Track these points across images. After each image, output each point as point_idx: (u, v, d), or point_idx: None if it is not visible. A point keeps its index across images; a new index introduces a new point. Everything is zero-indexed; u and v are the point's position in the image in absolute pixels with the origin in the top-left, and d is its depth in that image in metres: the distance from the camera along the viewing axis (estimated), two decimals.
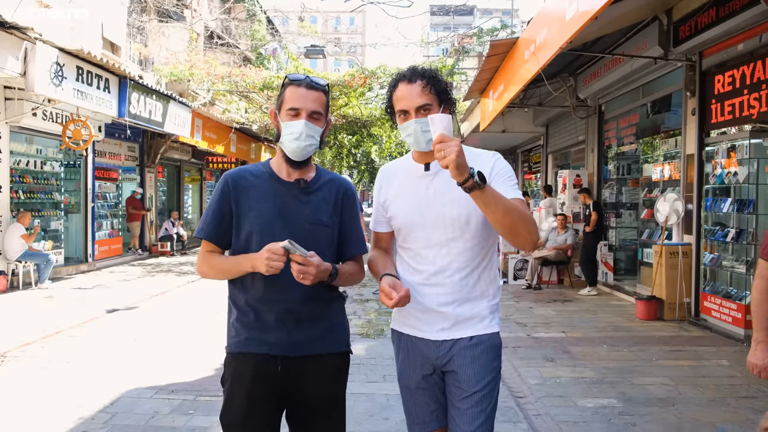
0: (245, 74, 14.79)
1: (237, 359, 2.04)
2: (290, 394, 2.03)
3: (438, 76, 2.03)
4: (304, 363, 2.01)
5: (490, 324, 2.08)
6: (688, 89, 7.47)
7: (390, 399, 4.48)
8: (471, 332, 2.05)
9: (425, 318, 2.08)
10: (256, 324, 2.02)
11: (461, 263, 2.03)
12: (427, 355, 2.09)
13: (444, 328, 2.05)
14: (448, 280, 2.04)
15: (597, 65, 9.68)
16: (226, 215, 2.05)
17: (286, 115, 2.01)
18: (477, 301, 2.07)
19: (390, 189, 2.16)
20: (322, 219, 2.06)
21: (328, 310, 2.09)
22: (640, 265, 9.41)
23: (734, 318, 6.52)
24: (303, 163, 2.07)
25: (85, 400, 4.43)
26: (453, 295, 2.04)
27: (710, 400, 4.51)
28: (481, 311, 2.07)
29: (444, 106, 2.03)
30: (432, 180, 2.05)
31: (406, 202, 2.09)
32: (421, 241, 2.06)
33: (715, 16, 6.54)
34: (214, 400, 4.44)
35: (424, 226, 2.04)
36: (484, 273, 2.08)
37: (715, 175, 7.18)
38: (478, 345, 2.04)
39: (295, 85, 2.02)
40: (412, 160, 2.15)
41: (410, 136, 2.02)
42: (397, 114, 2.05)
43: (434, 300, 2.05)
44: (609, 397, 4.54)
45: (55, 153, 11.65)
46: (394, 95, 2.06)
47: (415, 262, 2.10)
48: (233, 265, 2.01)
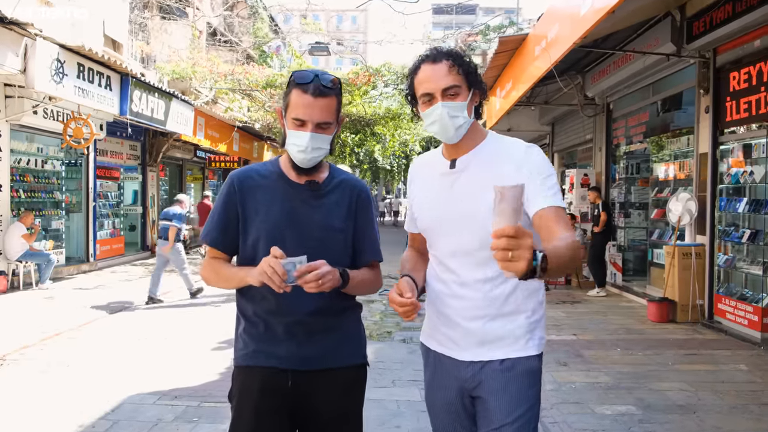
0: (248, 72, 14.64)
1: (245, 373, 1.90)
2: (301, 409, 1.88)
3: (465, 56, 1.78)
4: (316, 377, 1.87)
5: (527, 345, 1.79)
6: (702, 87, 7.31)
7: (401, 405, 4.34)
8: (502, 354, 1.77)
9: (452, 334, 1.84)
10: (265, 336, 1.87)
11: (491, 273, 1.75)
12: (455, 377, 1.84)
13: (471, 347, 1.81)
14: (475, 292, 1.78)
15: (606, 63, 9.53)
16: (232, 219, 1.90)
17: (291, 123, 1.81)
18: (511, 317, 1.78)
19: (416, 186, 1.96)
20: (334, 224, 1.90)
21: (341, 321, 1.93)
22: (650, 266, 9.26)
23: (750, 321, 6.37)
24: (313, 167, 1.91)
25: (86, 406, 4.29)
26: (481, 310, 1.77)
27: (731, 406, 4.37)
28: (515, 329, 1.78)
29: (474, 90, 1.77)
30: (457, 179, 1.80)
31: (428, 203, 1.88)
32: (445, 248, 1.83)
33: (731, 11, 6.38)
34: (219, 406, 4.30)
35: (447, 231, 1.81)
36: (521, 285, 1.78)
37: (730, 174, 7.04)
38: (511, 369, 1.76)
39: (301, 90, 1.78)
40: (441, 154, 1.89)
41: (435, 123, 1.75)
42: (420, 100, 1.78)
43: (460, 314, 1.80)
44: (627, 404, 4.39)
45: (56, 151, 11.51)
46: (416, 79, 1.78)
47: (440, 270, 1.87)
48: (233, 276, 1.87)
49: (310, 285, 1.66)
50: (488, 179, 1.67)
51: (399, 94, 15.68)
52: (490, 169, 1.75)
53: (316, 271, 1.66)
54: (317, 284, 1.67)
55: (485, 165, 1.77)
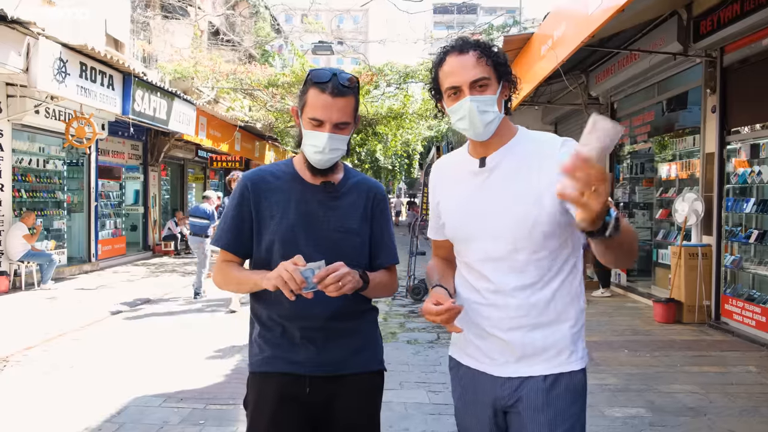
0: (250, 71, 14.58)
1: (260, 379, 1.84)
2: (320, 417, 1.83)
3: (494, 46, 1.64)
4: (334, 383, 1.82)
5: (570, 358, 1.64)
6: (708, 86, 7.26)
7: (408, 408, 4.29)
8: (544, 369, 1.63)
9: (486, 347, 1.69)
10: (281, 341, 1.82)
11: (529, 278, 1.62)
12: (490, 394, 1.69)
13: (509, 362, 1.66)
14: (512, 299, 1.62)
15: (610, 62, 9.48)
16: (246, 222, 1.84)
17: (308, 123, 1.75)
18: (552, 326, 1.63)
19: (442, 189, 1.81)
20: (351, 226, 1.85)
21: (359, 325, 1.88)
22: (655, 267, 9.22)
23: (758, 322, 6.32)
24: (329, 167, 1.85)
25: (91, 408, 4.25)
26: (519, 319, 1.63)
27: (742, 409, 4.32)
28: (558, 341, 1.63)
29: (504, 83, 1.63)
30: (487, 178, 1.66)
31: (457, 206, 1.73)
32: (478, 253, 1.68)
33: (738, 10, 6.33)
34: (225, 408, 4.26)
35: (479, 236, 1.67)
36: (562, 289, 1.63)
37: (737, 174, 6.99)
38: (554, 386, 1.62)
39: (319, 89, 1.72)
40: (467, 153, 1.75)
41: (463, 119, 1.61)
42: (446, 94, 1.64)
43: (495, 324, 1.65)
44: (637, 406, 4.35)
45: (58, 151, 11.48)
46: (441, 71, 1.64)
47: (472, 278, 1.71)
48: (246, 279, 1.81)
49: (330, 288, 1.61)
50: (522, 177, 1.60)
51: (401, 93, 15.63)
52: (524, 166, 1.62)
53: (336, 272, 1.61)
54: (337, 287, 1.61)
55: (519, 162, 1.63)
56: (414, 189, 33.93)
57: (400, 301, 8.87)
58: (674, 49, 7.46)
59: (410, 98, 16.12)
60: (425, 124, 18.93)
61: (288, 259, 1.66)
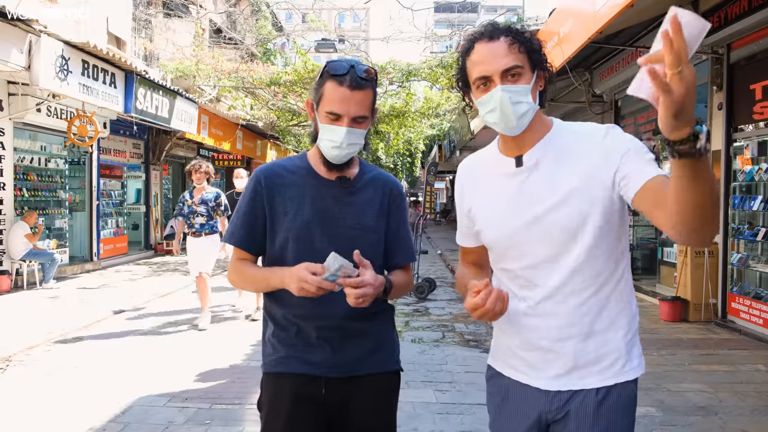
0: (252, 70, 14.54)
1: (275, 380, 1.78)
2: (335, 418, 1.78)
3: (527, 33, 1.50)
4: (351, 384, 1.77)
5: (624, 368, 1.53)
6: (715, 83, 7.21)
7: (417, 408, 4.25)
8: (598, 381, 1.52)
9: (532, 359, 1.58)
10: (296, 340, 1.77)
11: (579, 284, 1.50)
12: (535, 407, 1.59)
13: (559, 375, 1.54)
14: (562, 307, 1.51)
15: (615, 59, 9.42)
16: (259, 218, 1.79)
17: (325, 117, 1.69)
18: (605, 334, 1.52)
19: (474, 193, 1.67)
20: (367, 223, 1.79)
21: (376, 325, 1.84)
22: (660, 265, 9.16)
23: (765, 320, 6.28)
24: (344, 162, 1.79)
25: (95, 408, 4.21)
26: (569, 329, 1.51)
27: (753, 408, 4.27)
28: (611, 350, 1.52)
29: (538, 72, 1.50)
30: (527, 178, 1.53)
31: (495, 212, 1.58)
32: (521, 260, 1.56)
33: (746, 6, 6.28)
34: (230, 408, 4.21)
35: (524, 241, 1.54)
36: (614, 294, 1.53)
37: (744, 171, 6.94)
38: (607, 398, 1.51)
39: (336, 82, 1.65)
40: (498, 151, 1.61)
41: (494, 111, 1.47)
42: (474, 84, 1.51)
43: (544, 335, 1.54)
44: (646, 405, 4.30)
45: (60, 150, 11.44)
46: (469, 60, 1.51)
47: (516, 286, 1.59)
48: (263, 278, 1.75)
49: (350, 300, 1.59)
50: (566, 173, 1.48)
51: (403, 91, 15.58)
52: (566, 160, 1.50)
53: (362, 290, 1.59)
54: (357, 303, 1.59)
55: (559, 157, 1.51)
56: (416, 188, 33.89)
57: (405, 300, 8.82)
58: None
59: (413, 96, 16.07)
60: (427, 122, 18.89)
61: (302, 256, 1.64)
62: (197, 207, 6.95)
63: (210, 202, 6.99)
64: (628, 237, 1.60)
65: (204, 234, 6.92)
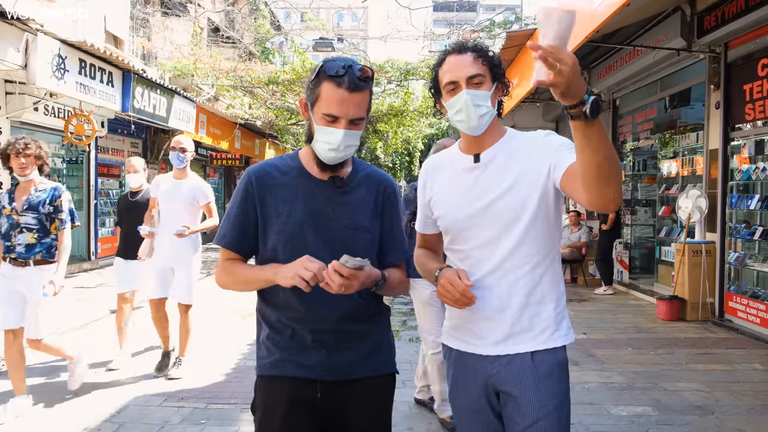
0: (250, 69, 14.53)
1: (270, 383, 1.76)
2: (331, 422, 1.76)
3: (490, 51, 1.81)
4: (347, 388, 1.75)
5: (553, 335, 1.78)
6: (712, 82, 7.21)
7: (412, 407, 4.25)
8: (531, 346, 1.76)
9: (476, 329, 1.82)
10: (291, 343, 1.75)
11: (517, 261, 1.75)
12: (480, 373, 1.82)
13: (498, 341, 1.78)
14: (502, 281, 1.76)
15: (613, 58, 9.43)
16: (250, 219, 1.76)
17: (321, 119, 1.66)
18: (538, 306, 1.78)
19: (435, 186, 1.91)
20: (362, 223, 1.77)
21: (372, 327, 1.82)
22: (658, 264, 9.17)
23: (762, 319, 6.28)
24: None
25: (90, 408, 4.20)
26: (509, 299, 1.76)
27: (749, 408, 4.27)
28: (542, 320, 1.78)
29: (498, 83, 1.79)
30: (482, 172, 1.80)
31: (453, 200, 1.83)
32: (471, 241, 1.80)
33: (743, 5, 6.28)
34: (226, 408, 4.21)
35: (473, 225, 1.79)
36: (546, 275, 1.78)
37: (741, 170, 6.94)
38: (542, 364, 1.75)
39: (334, 84, 1.62)
40: (459, 150, 1.89)
41: (460, 111, 1.74)
42: (445, 89, 1.79)
43: (488, 304, 1.78)
44: (643, 405, 4.30)
45: (57, 149, 11.40)
46: (441, 69, 1.80)
47: (466, 265, 1.82)
48: (255, 275, 1.72)
49: (332, 285, 1.56)
50: (514, 167, 1.75)
51: (402, 90, 15.56)
52: (515, 158, 1.77)
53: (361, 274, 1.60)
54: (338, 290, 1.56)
55: (510, 155, 1.78)
56: None
57: (402, 299, 8.81)
58: (678, 45, 7.41)
59: (411, 95, 16.05)
60: (426, 121, 18.88)
61: (295, 258, 1.61)
62: (19, 216, 4.08)
63: (42, 206, 4.13)
64: (560, 241, 1.88)
65: (32, 262, 4.27)
